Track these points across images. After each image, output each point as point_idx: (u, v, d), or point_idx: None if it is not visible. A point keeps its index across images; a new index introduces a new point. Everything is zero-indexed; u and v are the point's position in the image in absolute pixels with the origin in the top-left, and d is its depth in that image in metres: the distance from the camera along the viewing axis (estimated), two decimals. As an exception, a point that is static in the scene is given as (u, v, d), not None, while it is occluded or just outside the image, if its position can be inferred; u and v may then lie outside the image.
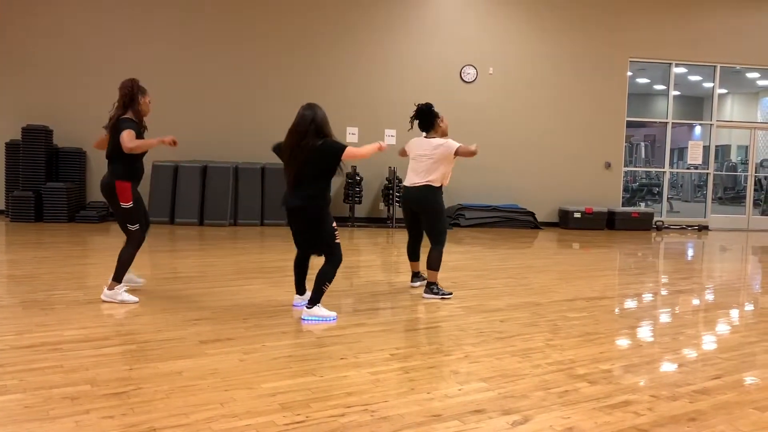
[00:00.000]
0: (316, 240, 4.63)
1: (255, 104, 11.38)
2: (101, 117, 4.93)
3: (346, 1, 11.63)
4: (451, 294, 5.52)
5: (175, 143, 4.87)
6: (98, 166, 4.87)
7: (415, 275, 5.97)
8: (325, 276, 4.56)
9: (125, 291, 4.99)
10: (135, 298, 4.96)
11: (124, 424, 2.74)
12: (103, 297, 4.94)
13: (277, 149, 4.72)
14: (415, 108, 5.58)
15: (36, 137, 10.37)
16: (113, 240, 8.22)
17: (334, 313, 4.63)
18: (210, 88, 11.30)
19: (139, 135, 4.85)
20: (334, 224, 4.60)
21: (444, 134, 5.56)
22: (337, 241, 4.60)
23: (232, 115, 11.36)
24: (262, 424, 2.79)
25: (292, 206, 4.58)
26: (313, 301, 4.58)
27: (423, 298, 5.48)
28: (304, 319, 4.56)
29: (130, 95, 4.84)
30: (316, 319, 4.55)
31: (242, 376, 3.39)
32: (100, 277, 5.85)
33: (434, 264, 5.44)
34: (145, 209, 5.15)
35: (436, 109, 5.60)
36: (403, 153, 5.82)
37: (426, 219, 5.55)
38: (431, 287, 5.48)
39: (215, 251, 8.01)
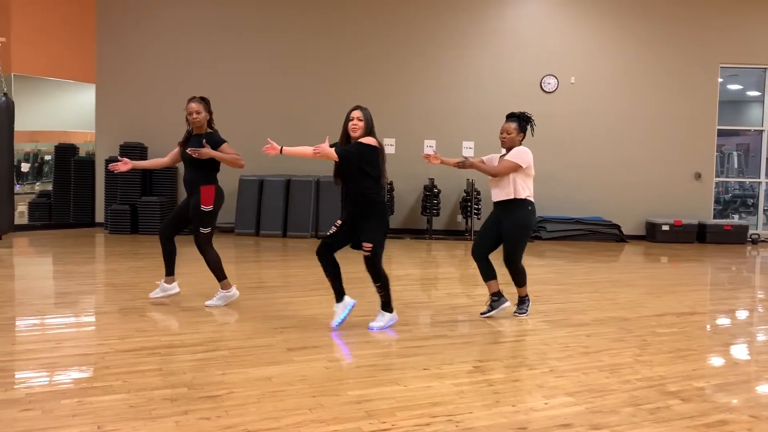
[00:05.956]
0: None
1: (334, 119, 11.61)
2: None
3: (425, 16, 11.72)
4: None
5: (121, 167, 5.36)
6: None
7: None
8: None
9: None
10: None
11: (219, 425, 2.87)
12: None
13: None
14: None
15: (132, 154, 10.99)
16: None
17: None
18: (292, 104, 11.65)
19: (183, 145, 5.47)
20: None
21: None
22: None
23: (313, 130, 11.64)
24: (349, 430, 2.85)
25: None
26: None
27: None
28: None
29: None
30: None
31: (329, 383, 3.48)
32: (192, 286, 6.14)
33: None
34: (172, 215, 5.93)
35: (514, 118, 5.56)
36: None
37: None
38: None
39: (298, 262, 8.23)
